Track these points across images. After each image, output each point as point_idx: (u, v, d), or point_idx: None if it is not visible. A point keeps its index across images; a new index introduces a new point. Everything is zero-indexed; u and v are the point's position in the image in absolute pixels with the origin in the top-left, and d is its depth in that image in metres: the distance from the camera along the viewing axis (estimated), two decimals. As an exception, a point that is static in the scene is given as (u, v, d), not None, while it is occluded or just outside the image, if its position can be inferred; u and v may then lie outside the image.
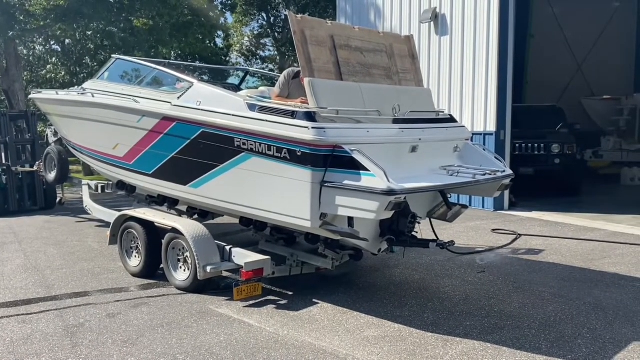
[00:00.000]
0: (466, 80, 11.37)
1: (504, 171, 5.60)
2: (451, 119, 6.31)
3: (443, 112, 6.50)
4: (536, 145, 12.07)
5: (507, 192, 10.77)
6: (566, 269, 6.70)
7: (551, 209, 10.71)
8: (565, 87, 17.77)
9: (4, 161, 12.11)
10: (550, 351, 4.33)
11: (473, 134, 10.78)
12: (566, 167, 12.04)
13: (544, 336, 4.62)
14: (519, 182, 11.19)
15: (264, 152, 5.08)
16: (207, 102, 5.68)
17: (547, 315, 5.11)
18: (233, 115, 5.32)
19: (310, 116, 4.82)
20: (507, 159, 10.96)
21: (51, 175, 9.85)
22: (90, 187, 8.87)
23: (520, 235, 8.55)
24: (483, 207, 11.03)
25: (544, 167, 11.95)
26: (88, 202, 8.72)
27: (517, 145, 11.99)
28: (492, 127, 10.90)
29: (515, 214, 10.51)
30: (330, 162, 4.70)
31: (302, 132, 4.75)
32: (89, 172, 17.28)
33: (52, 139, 10.26)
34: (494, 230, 8.95)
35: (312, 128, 4.71)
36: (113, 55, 8.08)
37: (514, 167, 11.14)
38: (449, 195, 5.98)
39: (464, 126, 6.55)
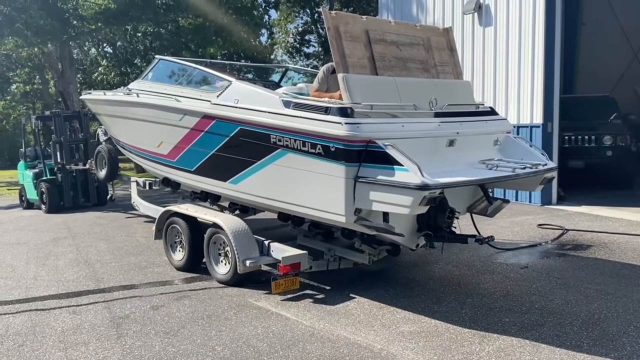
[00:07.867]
0: (511, 71, 11.07)
1: (545, 164, 5.44)
2: (491, 112, 6.18)
3: (483, 104, 6.36)
4: (587, 137, 11.65)
5: (554, 186, 10.45)
6: (615, 265, 6.45)
7: (602, 203, 10.31)
8: (619, 77, 17.00)
9: (59, 160, 12.70)
10: (592, 349, 4.20)
11: (519, 127, 10.59)
12: (619, 160, 11.55)
13: (586, 334, 4.48)
14: (568, 175, 11.00)
15: (299, 148, 5.13)
16: (244, 100, 5.79)
17: (591, 312, 4.95)
18: (269, 112, 5.40)
19: (343, 112, 4.84)
20: (555, 152, 10.64)
21: (102, 173, 10.26)
22: (138, 184, 9.18)
23: (567, 230, 8.28)
24: (530, 201, 10.74)
25: (595, 160, 11.51)
26: (135, 199, 9.04)
27: (567, 137, 11.61)
28: (538, 119, 10.57)
29: (563, 208, 10.18)
30: (364, 157, 4.70)
31: (335, 127, 4.77)
32: (140, 169, 17.78)
33: (102, 138, 10.67)
34: (540, 225, 8.70)
35: (346, 124, 4.72)
36: (156, 56, 8.30)
37: (563, 160, 10.86)
38: (490, 190, 5.86)
39: (505, 119, 6.40)
